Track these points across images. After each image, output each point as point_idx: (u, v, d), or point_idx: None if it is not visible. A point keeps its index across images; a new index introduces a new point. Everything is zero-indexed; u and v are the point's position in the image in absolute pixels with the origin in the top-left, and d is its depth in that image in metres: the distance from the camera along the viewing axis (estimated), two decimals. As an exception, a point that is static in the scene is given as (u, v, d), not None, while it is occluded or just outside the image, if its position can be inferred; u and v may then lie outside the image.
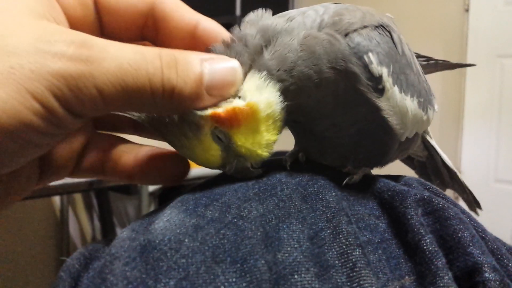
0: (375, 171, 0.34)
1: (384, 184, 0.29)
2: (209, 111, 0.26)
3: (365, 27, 0.28)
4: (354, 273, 0.22)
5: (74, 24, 0.26)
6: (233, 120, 0.26)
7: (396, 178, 0.33)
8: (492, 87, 1.90)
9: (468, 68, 1.90)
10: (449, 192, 0.39)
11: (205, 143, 0.26)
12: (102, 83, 0.22)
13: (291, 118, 0.29)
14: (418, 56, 0.43)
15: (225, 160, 0.27)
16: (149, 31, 0.29)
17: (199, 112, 0.26)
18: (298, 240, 0.23)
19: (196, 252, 0.22)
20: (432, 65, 0.44)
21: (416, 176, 0.46)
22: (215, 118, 0.26)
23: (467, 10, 1.97)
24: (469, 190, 0.47)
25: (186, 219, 0.24)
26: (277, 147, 0.29)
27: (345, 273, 0.22)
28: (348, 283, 0.22)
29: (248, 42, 0.28)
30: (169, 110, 0.26)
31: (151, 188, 1.54)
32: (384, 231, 0.26)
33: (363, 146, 0.31)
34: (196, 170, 0.37)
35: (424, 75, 0.35)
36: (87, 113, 0.23)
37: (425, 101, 0.33)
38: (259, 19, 0.29)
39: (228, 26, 0.30)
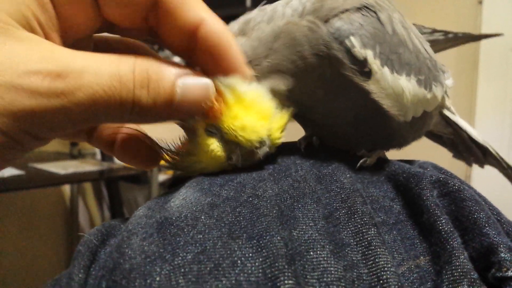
0: (392, 155, 0.34)
1: (398, 167, 0.29)
2: (205, 108, 0.26)
3: (346, 10, 0.28)
4: (370, 251, 0.22)
5: (66, 11, 0.25)
6: (214, 110, 0.26)
7: (410, 162, 0.33)
8: (505, 81, 1.88)
9: (481, 62, 1.88)
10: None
11: (204, 142, 0.26)
12: (74, 113, 0.22)
13: (287, 105, 0.28)
14: (435, 31, 0.42)
15: (228, 151, 0.27)
16: (153, 22, 0.28)
17: (190, 118, 0.26)
18: (313, 218, 0.23)
19: (213, 228, 0.22)
20: (453, 38, 0.44)
21: (450, 154, 0.46)
22: (203, 116, 0.26)
23: (480, 2, 1.95)
24: (507, 164, 0.46)
25: (201, 197, 0.25)
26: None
27: (360, 251, 0.22)
28: (364, 261, 0.22)
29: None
30: (136, 122, 0.26)
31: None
32: (399, 213, 0.26)
33: (364, 131, 0.31)
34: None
35: (428, 52, 0.34)
36: (54, 137, 0.24)
37: (428, 78, 0.32)
38: (247, 15, 0.30)
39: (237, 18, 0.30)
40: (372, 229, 0.23)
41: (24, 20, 0.23)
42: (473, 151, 0.45)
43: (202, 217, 0.23)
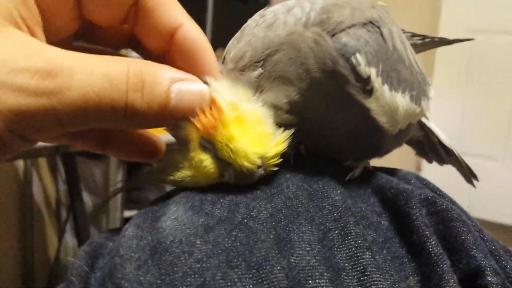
0: (372, 162, 0.34)
1: (386, 181, 0.29)
2: (190, 123, 0.25)
3: (353, 25, 0.28)
4: (366, 277, 0.22)
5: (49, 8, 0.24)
6: (210, 125, 0.25)
7: (392, 171, 0.33)
8: (461, 62, 1.93)
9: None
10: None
11: (196, 156, 0.26)
12: (63, 114, 0.21)
13: (285, 118, 0.28)
14: (414, 35, 0.42)
15: (221, 169, 0.26)
16: (131, 20, 0.27)
17: (182, 127, 0.25)
18: (309, 242, 0.23)
19: (210, 256, 0.22)
20: (428, 43, 0.44)
21: (413, 152, 0.47)
22: (198, 129, 0.25)
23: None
24: (466, 164, 0.48)
25: (194, 217, 0.24)
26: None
27: (355, 277, 0.23)
28: (360, 287, 0.22)
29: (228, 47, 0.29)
30: (128, 127, 0.26)
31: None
32: (387, 229, 0.27)
33: (357, 143, 0.31)
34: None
35: (418, 64, 0.35)
36: (41, 139, 0.23)
37: (419, 93, 0.33)
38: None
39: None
40: (367, 252, 0.24)
41: (9, 16, 0.21)
42: (438, 152, 0.46)
43: (198, 242, 0.22)
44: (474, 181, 0.49)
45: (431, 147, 0.46)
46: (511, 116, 1.88)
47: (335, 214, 0.25)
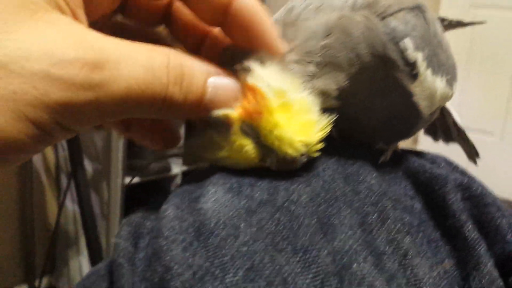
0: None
1: (418, 165, 0.29)
2: (233, 109, 0.25)
3: (401, 9, 0.27)
4: (407, 261, 0.23)
5: None
6: (254, 111, 0.25)
7: (419, 153, 0.33)
8: (463, 37, 1.92)
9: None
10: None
11: (238, 141, 0.25)
12: (106, 106, 0.21)
13: (328, 106, 0.27)
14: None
15: (263, 155, 0.26)
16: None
17: (222, 112, 0.25)
18: (350, 226, 0.24)
19: (256, 239, 0.22)
20: (446, 25, 0.44)
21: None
22: (240, 114, 0.25)
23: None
24: (472, 144, 0.48)
25: (235, 200, 0.24)
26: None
27: (397, 261, 0.23)
28: (402, 271, 0.23)
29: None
30: (163, 117, 0.26)
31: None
32: (420, 212, 0.27)
33: (392, 126, 0.31)
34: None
35: (449, 48, 0.35)
36: (81, 130, 0.22)
37: (452, 77, 0.33)
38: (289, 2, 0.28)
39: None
40: (407, 236, 0.24)
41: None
42: (449, 131, 0.47)
43: (242, 225, 0.22)
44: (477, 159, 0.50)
45: (444, 127, 0.46)
46: (511, 92, 1.88)
47: (372, 198, 0.26)
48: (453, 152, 0.49)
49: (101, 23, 0.26)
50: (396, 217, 0.25)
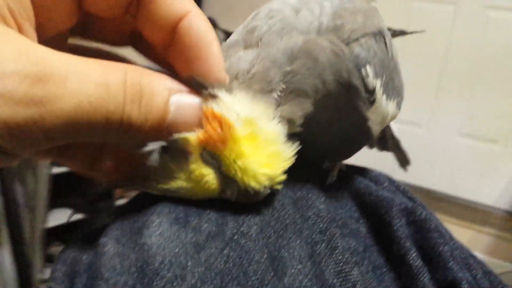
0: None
1: (364, 186, 0.29)
2: (194, 134, 0.23)
3: (366, 34, 0.27)
4: None
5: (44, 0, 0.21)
6: (217, 138, 0.23)
7: (362, 170, 0.33)
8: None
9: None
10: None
11: (198, 170, 0.23)
12: (52, 126, 0.18)
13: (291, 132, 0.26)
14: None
15: (223, 186, 0.24)
16: (133, 9, 0.24)
17: (183, 136, 0.23)
18: (300, 259, 0.23)
19: (204, 280, 0.21)
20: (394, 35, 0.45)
21: None
22: (202, 140, 0.23)
23: None
24: (405, 151, 0.50)
25: (181, 234, 0.23)
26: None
27: None
28: None
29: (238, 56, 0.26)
30: (121, 141, 0.24)
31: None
32: (365, 237, 0.27)
33: (343, 147, 0.31)
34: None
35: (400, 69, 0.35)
36: (25, 154, 0.20)
37: (401, 99, 0.33)
38: (251, 20, 0.27)
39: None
40: (355, 268, 0.24)
41: None
42: (386, 142, 0.48)
43: (189, 264, 0.21)
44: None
45: (381, 138, 0.48)
46: (438, 85, 1.97)
47: (320, 225, 0.25)
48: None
49: (56, 42, 0.23)
50: (344, 247, 0.24)
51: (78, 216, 1.67)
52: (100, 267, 0.21)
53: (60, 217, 1.62)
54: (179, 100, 0.22)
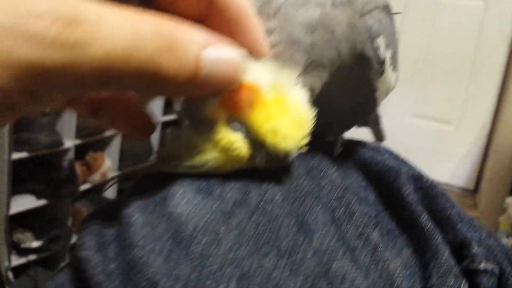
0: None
1: (369, 156, 0.30)
2: (215, 100, 0.23)
3: (377, 7, 0.28)
4: (377, 255, 0.24)
5: None
6: (244, 102, 0.23)
7: (362, 143, 0.35)
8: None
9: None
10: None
11: (226, 137, 0.23)
12: (84, 72, 0.18)
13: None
14: None
15: (253, 151, 0.24)
16: None
17: (205, 106, 0.23)
18: (324, 223, 0.24)
19: (240, 243, 0.21)
20: None
21: None
22: (226, 105, 0.23)
23: None
24: (382, 128, 0.52)
25: (208, 202, 0.23)
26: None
27: (368, 255, 0.24)
28: (374, 265, 0.23)
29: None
30: (151, 92, 0.23)
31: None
32: (374, 203, 0.28)
33: (348, 117, 0.32)
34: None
35: None
36: (54, 101, 0.19)
37: (398, 72, 0.34)
38: None
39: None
40: (375, 230, 0.25)
41: None
42: (368, 118, 0.49)
43: (222, 229, 0.22)
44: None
45: None
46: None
47: (335, 193, 0.26)
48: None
49: None
50: (360, 212, 0.26)
51: (41, 202, 1.62)
52: (131, 235, 0.21)
53: (22, 203, 1.57)
54: (214, 54, 0.21)
